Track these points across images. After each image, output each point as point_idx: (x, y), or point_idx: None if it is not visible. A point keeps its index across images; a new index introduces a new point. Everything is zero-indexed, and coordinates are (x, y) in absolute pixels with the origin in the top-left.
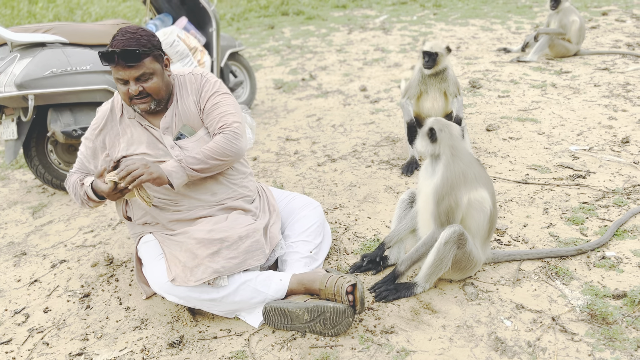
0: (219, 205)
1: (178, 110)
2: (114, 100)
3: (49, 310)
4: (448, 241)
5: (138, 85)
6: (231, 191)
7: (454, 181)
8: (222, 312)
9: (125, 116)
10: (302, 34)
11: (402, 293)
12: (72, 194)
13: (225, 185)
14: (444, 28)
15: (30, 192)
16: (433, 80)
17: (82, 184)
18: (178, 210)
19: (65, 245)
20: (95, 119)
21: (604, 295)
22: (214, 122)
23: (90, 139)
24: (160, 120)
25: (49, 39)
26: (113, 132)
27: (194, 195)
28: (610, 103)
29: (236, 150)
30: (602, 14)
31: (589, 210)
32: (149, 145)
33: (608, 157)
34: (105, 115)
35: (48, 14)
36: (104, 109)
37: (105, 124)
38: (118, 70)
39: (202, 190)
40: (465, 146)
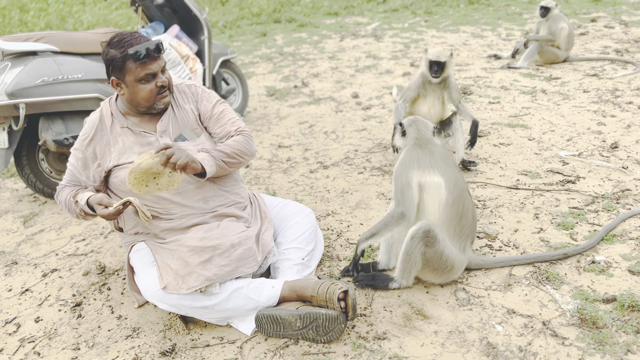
0: (212, 213)
1: (175, 116)
2: (102, 109)
3: (40, 320)
4: (414, 236)
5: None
6: (223, 198)
7: (407, 163)
8: (215, 319)
9: (117, 125)
10: (294, 41)
11: (377, 283)
12: (64, 208)
13: (218, 193)
14: (435, 35)
15: (21, 201)
16: (434, 86)
17: (76, 201)
18: (170, 218)
19: (56, 254)
20: (84, 129)
21: (594, 299)
22: (226, 127)
23: (80, 149)
24: (156, 125)
25: (41, 47)
26: (103, 141)
27: (186, 203)
28: (599, 109)
29: (253, 151)
30: (590, 20)
31: (579, 215)
32: (142, 152)
33: (597, 162)
34: (94, 125)
35: (39, 22)
36: (93, 118)
37: (95, 133)
38: (148, 65)
39: (194, 197)
40: (432, 140)
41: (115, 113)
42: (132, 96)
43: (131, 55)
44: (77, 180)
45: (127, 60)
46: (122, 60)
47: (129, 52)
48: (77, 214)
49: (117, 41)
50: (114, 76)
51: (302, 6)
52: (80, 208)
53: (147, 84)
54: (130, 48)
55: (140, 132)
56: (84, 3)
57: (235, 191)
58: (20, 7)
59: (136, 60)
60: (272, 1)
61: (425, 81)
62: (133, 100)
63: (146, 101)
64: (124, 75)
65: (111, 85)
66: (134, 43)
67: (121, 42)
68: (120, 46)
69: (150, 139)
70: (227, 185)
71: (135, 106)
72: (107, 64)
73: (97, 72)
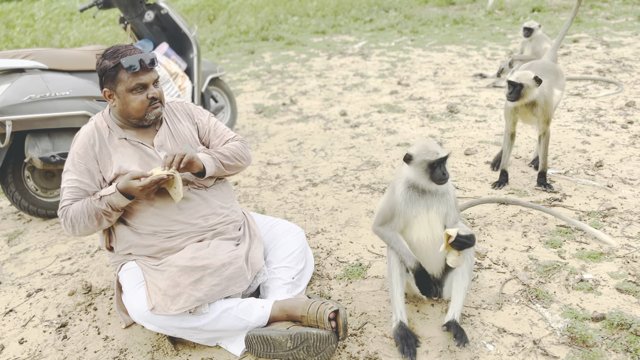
0: (211, 231)
1: (171, 132)
2: (96, 123)
3: (24, 341)
4: None
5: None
6: (222, 217)
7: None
8: (204, 340)
9: (115, 136)
10: (282, 59)
11: None
12: (79, 220)
13: (218, 211)
14: (422, 54)
15: (5, 219)
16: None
17: (99, 197)
18: (170, 236)
19: (41, 273)
20: (78, 144)
21: (583, 318)
22: (223, 137)
23: (80, 163)
24: (153, 139)
25: (28, 64)
26: (103, 152)
27: (187, 220)
28: (584, 128)
29: (249, 156)
30: (573, 41)
31: (566, 233)
32: (141, 164)
33: (583, 180)
34: (91, 137)
35: (26, 38)
36: (87, 131)
37: (94, 144)
38: (140, 76)
39: (194, 215)
40: None
41: (112, 125)
42: (124, 107)
43: (123, 65)
44: (84, 193)
45: (119, 70)
46: (115, 70)
47: (122, 61)
48: (96, 214)
49: (111, 52)
50: (106, 87)
51: (289, 24)
52: (106, 203)
53: (139, 95)
54: (123, 58)
55: (137, 144)
56: (70, 20)
57: (233, 209)
58: (6, 23)
59: (128, 70)
60: (259, 19)
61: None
62: (124, 111)
63: (137, 112)
64: (116, 85)
65: (104, 96)
66: (127, 54)
67: (115, 52)
68: (114, 57)
69: (148, 150)
70: (227, 203)
71: (126, 117)
72: (101, 74)
73: (85, 89)
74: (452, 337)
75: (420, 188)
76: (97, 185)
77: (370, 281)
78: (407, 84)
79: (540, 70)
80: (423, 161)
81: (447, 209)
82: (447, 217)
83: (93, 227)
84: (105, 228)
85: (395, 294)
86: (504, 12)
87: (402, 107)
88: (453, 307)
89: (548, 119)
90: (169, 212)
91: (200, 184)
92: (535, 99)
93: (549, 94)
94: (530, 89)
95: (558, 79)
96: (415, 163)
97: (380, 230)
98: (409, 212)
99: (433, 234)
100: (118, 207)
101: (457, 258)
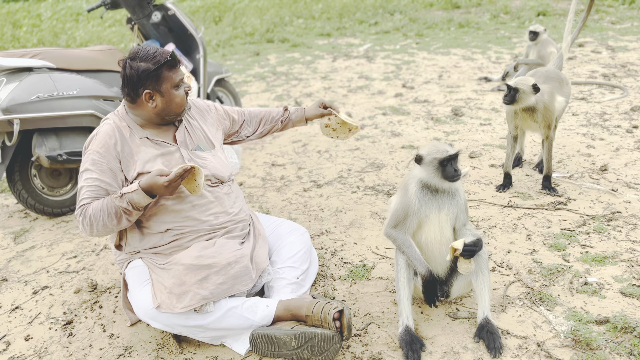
0: (222, 229)
1: (186, 129)
2: (114, 122)
3: (30, 338)
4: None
5: None
6: (232, 215)
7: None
8: (208, 338)
9: (136, 136)
10: (287, 61)
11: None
12: (98, 217)
13: (228, 210)
14: (427, 57)
15: (12, 217)
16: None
17: (121, 195)
18: (182, 233)
19: (47, 271)
20: (98, 143)
21: (587, 321)
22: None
23: (102, 162)
24: (172, 136)
25: (36, 64)
26: (126, 151)
27: (198, 217)
28: (588, 132)
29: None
30: (578, 45)
31: (571, 236)
32: (164, 162)
33: (587, 184)
34: (113, 137)
35: (32, 38)
36: (107, 130)
37: (116, 143)
38: (178, 71)
39: (206, 212)
40: None
41: (132, 125)
42: (167, 104)
43: (168, 63)
44: (104, 192)
45: (162, 69)
46: (158, 70)
47: (169, 59)
48: (117, 212)
49: (143, 55)
50: (148, 89)
51: (294, 27)
52: (127, 201)
53: (179, 90)
54: (168, 57)
55: (160, 142)
56: (77, 20)
57: (242, 208)
58: (13, 22)
59: (171, 66)
60: (265, 21)
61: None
62: (166, 109)
63: (179, 107)
64: (160, 84)
65: (143, 98)
66: (162, 53)
67: (148, 54)
68: (151, 57)
69: (170, 148)
70: (236, 203)
71: (164, 116)
72: (140, 76)
73: (92, 89)
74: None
75: (432, 187)
76: (118, 185)
77: (374, 282)
78: (411, 87)
79: (544, 78)
80: (434, 159)
81: (457, 211)
82: (457, 219)
83: (112, 226)
84: (124, 228)
85: (402, 297)
86: (509, 16)
87: (407, 109)
88: (482, 305)
89: (549, 124)
90: (183, 208)
91: (218, 179)
92: (533, 105)
93: (550, 101)
94: (527, 95)
95: (562, 87)
96: (426, 162)
97: (393, 234)
98: (422, 211)
99: (442, 235)
100: (139, 205)
101: (469, 265)
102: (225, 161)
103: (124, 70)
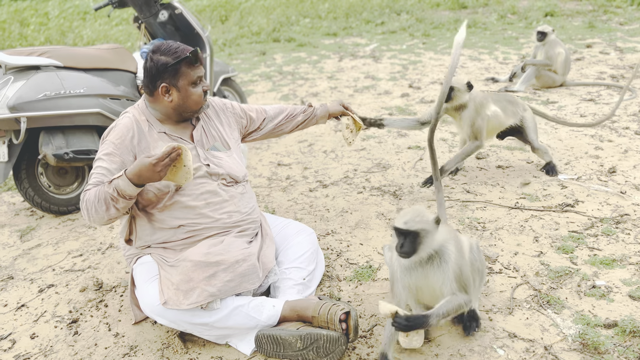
0: (234, 228)
1: (204, 129)
2: (134, 115)
3: (35, 336)
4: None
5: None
6: (245, 215)
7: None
8: (214, 337)
9: (154, 130)
10: (294, 61)
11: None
12: (92, 202)
13: (241, 210)
14: (433, 57)
15: (18, 215)
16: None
17: (110, 181)
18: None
19: (53, 269)
20: (115, 135)
21: (595, 324)
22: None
23: (115, 153)
24: (189, 134)
25: (44, 62)
26: (142, 145)
27: (212, 215)
28: (597, 133)
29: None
30: (586, 46)
31: (578, 239)
32: None
33: (596, 186)
34: (131, 130)
35: (40, 36)
36: (126, 123)
37: (133, 137)
38: (197, 68)
39: (220, 210)
40: None
41: (151, 119)
42: (183, 100)
43: (188, 58)
44: None
45: (181, 64)
46: (177, 65)
47: (189, 55)
48: (107, 199)
49: (165, 49)
50: (165, 82)
51: (301, 26)
52: (114, 187)
53: (197, 88)
54: (188, 52)
55: (177, 138)
56: (84, 19)
57: (255, 209)
58: (20, 21)
59: (190, 63)
60: (271, 20)
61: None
62: (182, 105)
63: (196, 104)
64: (177, 79)
65: (160, 92)
66: (183, 49)
67: (170, 49)
68: (172, 52)
69: (187, 145)
70: (249, 203)
71: (182, 112)
72: (159, 70)
73: (99, 87)
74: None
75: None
76: None
77: (380, 283)
78: (418, 87)
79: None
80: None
81: (444, 280)
82: (443, 288)
83: (102, 214)
84: (113, 217)
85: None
86: (517, 16)
87: (414, 109)
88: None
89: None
90: (197, 205)
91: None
92: (465, 103)
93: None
94: (461, 93)
95: (510, 106)
96: None
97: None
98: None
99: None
100: (124, 193)
101: (405, 339)
102: (240, 161)
103: (145, 62)
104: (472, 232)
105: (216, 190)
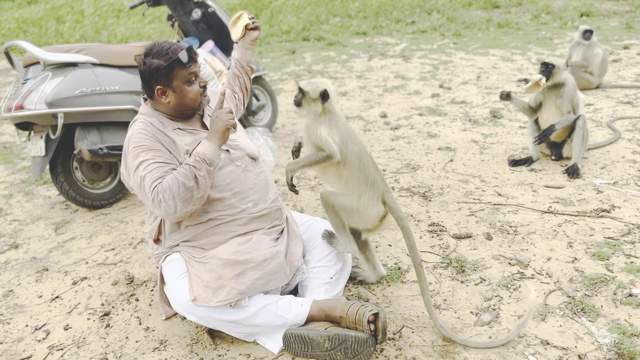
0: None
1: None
2: (144, 119)
3: (69, 328)
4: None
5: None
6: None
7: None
8: (242, 334)
9: (169, 127)
10: (323, 60)
11: None
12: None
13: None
14: (464, 57)
15: (53, 208)
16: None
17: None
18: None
19: (86, 262)
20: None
21: (631, 334)
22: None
23: (152, 147)
24: (200, 123)
25: (80, 59)
26: (166, 140)
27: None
28: (634, 137)
29: None
30: (623, 47)
31: (615, 245)
32: None
33: (633, 191)
34: (149, 129)
35: (75, 33)
36: (141, 127)
37: (155, 133)
38: (191, 67)
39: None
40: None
41: (162, 119)
42: (180, 100)
43: (182, 59)
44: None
45: (174, 66)
46: (169, 67)
47: (180, 56)
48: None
49: (157, 51)
50: (160, 85)
51: (331, 25)
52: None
53: (193, 86)
54: (179, 53)
55: (192, 131)
56: (118, 17)
57: (278, 198)
58: (56, 18)
59: (187, 63)
60: (301, 19)
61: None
62: (180, 104)
63: (194, 102)
64: (170, 81)
65: (156, 94)
66: (176, 49)
67: (162, 51)
68: (164, 54)
69: (203, 135)
70: (272, 190)
71: (181, 111)
72: (152, 73)
73: (133, 84)
74: None
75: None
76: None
77: (408, 285)
78: (449, 87)
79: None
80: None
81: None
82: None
83: (191, 192)
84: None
85: None
86: (551, 16)
87: (444, 110)
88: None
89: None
90: (224, 197)
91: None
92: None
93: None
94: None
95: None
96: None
97: None
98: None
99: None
100: (205, 156)
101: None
102: (248, 138)
103: (139, 66)
104: (503, 237)
105: (240, 177)
